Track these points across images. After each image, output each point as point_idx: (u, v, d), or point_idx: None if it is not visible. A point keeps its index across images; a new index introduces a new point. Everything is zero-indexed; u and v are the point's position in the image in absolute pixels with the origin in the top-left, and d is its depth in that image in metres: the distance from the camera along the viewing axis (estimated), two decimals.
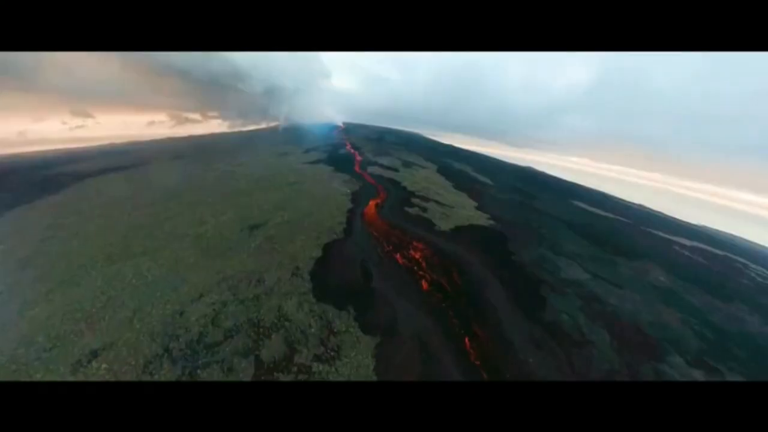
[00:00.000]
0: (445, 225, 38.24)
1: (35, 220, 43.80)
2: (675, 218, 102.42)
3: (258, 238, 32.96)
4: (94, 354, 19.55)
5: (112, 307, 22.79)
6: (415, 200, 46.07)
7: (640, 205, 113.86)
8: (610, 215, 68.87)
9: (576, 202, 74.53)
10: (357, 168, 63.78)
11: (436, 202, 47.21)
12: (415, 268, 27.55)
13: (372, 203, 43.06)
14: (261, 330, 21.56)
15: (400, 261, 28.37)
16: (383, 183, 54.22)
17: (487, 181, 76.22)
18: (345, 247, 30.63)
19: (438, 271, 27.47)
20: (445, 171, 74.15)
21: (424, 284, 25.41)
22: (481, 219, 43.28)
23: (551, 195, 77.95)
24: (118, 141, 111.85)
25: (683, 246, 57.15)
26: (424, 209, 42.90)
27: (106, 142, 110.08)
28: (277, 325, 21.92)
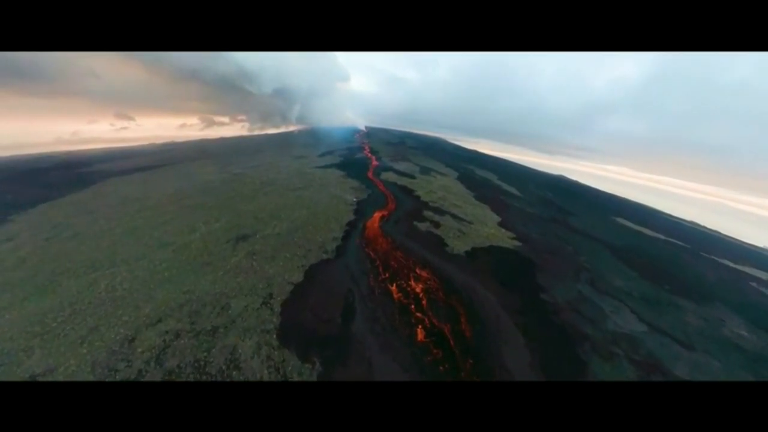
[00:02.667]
0: (459, 246, 31.23)
1: (50, 217, 43.17)
2: (736, 240, 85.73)
3: (240, 253, 28.43)
4: (33, 380, 16.58)
5: (72, 322, 20.05)
6: (427, 213, 39.39)
7: (692, 223, 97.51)
8: (661, 236, 57.06)
9: (619, 219, 63.10)
10: (370, 174, 58.14)
11: (453, 215, 40.14)
12: (413, 306, 21.08)
13: (377, 215, 37.03)
14: (204, 378, 16.64)
15: (396, 295, 22.04)
16: (395, 191, 48.01)
17: (514, 191, 67.13)
18: (332, 271, 24.89)
19: (441, 313, 20.79)
20: (466, 179, 66.29)
21: (420, 333, 18.89)
22: (505, 239, 35.61)
23: (589, 210, 66.94)
24: (157, 141, 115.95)
25: (759, 281, 44.82)
26: (437, 224, 36.11)
27: (146, 142, 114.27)
28: (223, 372, 16.82)
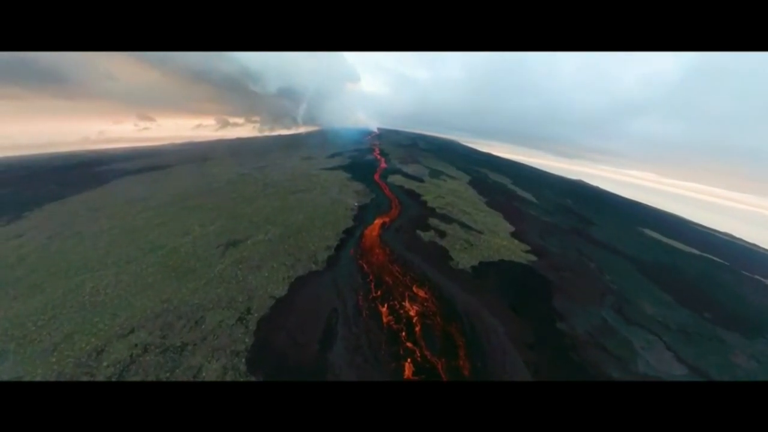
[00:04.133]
0: (465, 260, 27.73)
1: (59, 215, 43.17)
2: None
3: (227, 260, 26.41)
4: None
5: (50, 327, 19.09)
6: (433, 220, 36.02)
7: (727, 235, 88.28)
8: (696, 251, 50.72)
9: (646, 231, 56.95)
10: (377, 176, 55.24)
11: (461, 224, 36.55)
12: (404, 333, 17.93)
13: (377, 222, 34.05)
14: None
15: (385, 319, 18.97)
16: (400, 196, 44.86)
17: (530, 197, 62.27)
18: (319, 285, 22.17)
19: (437, 343, 17.53)
20: (478, 183, 62.09)
21: (408, 368, 15.71)
22: (518, 252, 31.70)
23: (612, 219, 61.01)
24: (177, 141, 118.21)
25: None
26: (443, 234, 32.70)
27: (167, 142, 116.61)
28: None
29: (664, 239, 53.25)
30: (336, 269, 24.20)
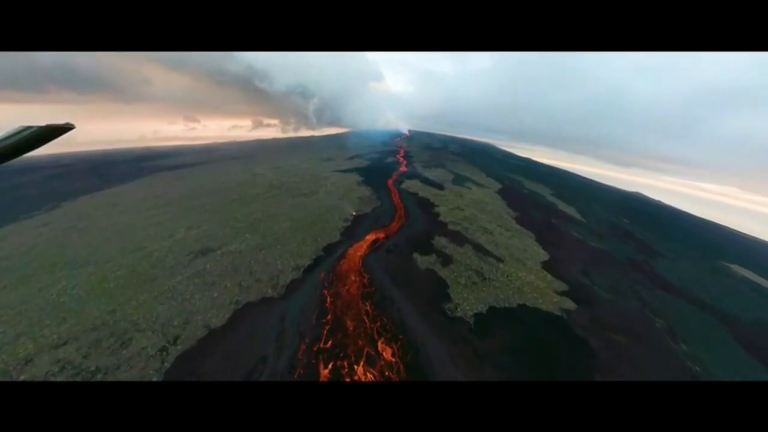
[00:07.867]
0: (469, 302, 20.13)
1: (84, 208, 44.36)
2: None
3: (189, 271, 23.38)
4: None
5: (10, 324, 18.12)
6: (440, 239, 28.61)
7: None
8: None
9: (735, 267, 42.14)
10: (391, 181, 48.79)
11: (476, 246, 28.57)
12: None
13: (369, 238, 27.68)
14: None
15: None
16: (410, 205, 37.91)
17: (573, 213, 50.55)
18: (262, 320, 16.82)
19: None
20: (509, 193, 52.10)
21: None
22: (548, 293, 22.98)
23: (686, 248, 46.63)
24: (219, 141, 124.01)
25: None
26: (447, 259, 25.23)
27: (210, 141, 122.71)
28: None
29: (765, 282, 38.55)
30: (292, 299, 18.55)
